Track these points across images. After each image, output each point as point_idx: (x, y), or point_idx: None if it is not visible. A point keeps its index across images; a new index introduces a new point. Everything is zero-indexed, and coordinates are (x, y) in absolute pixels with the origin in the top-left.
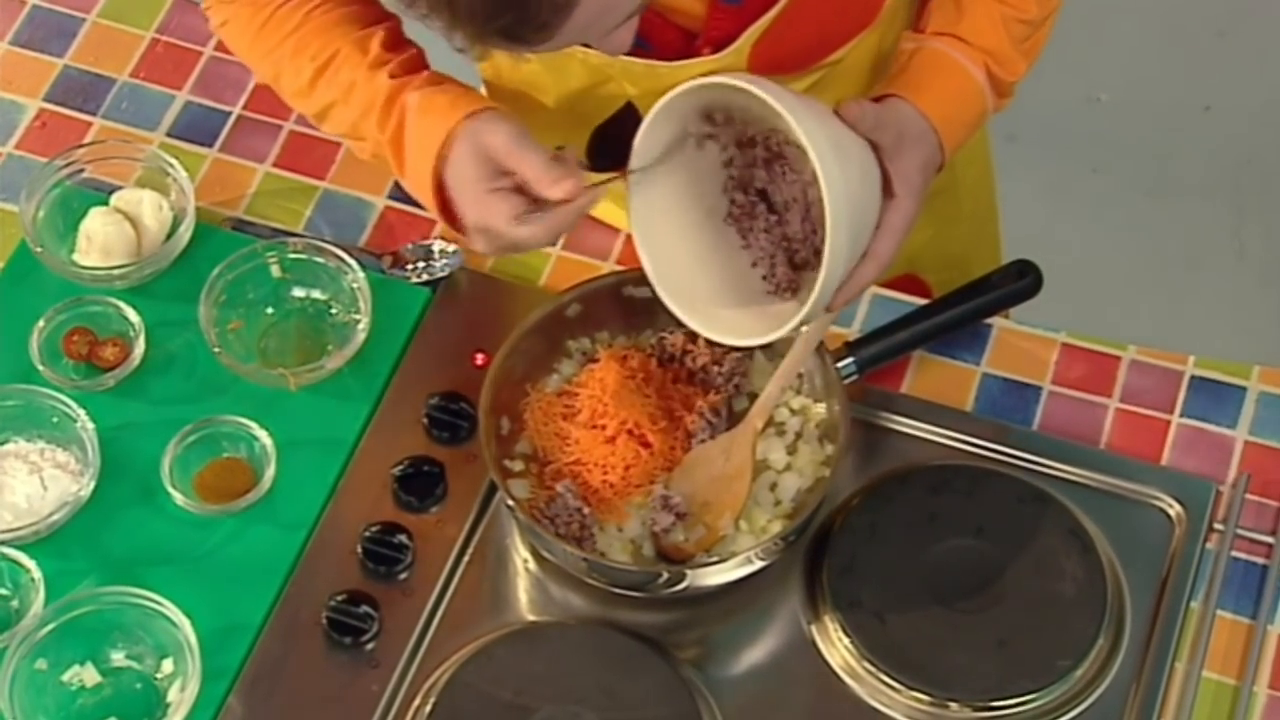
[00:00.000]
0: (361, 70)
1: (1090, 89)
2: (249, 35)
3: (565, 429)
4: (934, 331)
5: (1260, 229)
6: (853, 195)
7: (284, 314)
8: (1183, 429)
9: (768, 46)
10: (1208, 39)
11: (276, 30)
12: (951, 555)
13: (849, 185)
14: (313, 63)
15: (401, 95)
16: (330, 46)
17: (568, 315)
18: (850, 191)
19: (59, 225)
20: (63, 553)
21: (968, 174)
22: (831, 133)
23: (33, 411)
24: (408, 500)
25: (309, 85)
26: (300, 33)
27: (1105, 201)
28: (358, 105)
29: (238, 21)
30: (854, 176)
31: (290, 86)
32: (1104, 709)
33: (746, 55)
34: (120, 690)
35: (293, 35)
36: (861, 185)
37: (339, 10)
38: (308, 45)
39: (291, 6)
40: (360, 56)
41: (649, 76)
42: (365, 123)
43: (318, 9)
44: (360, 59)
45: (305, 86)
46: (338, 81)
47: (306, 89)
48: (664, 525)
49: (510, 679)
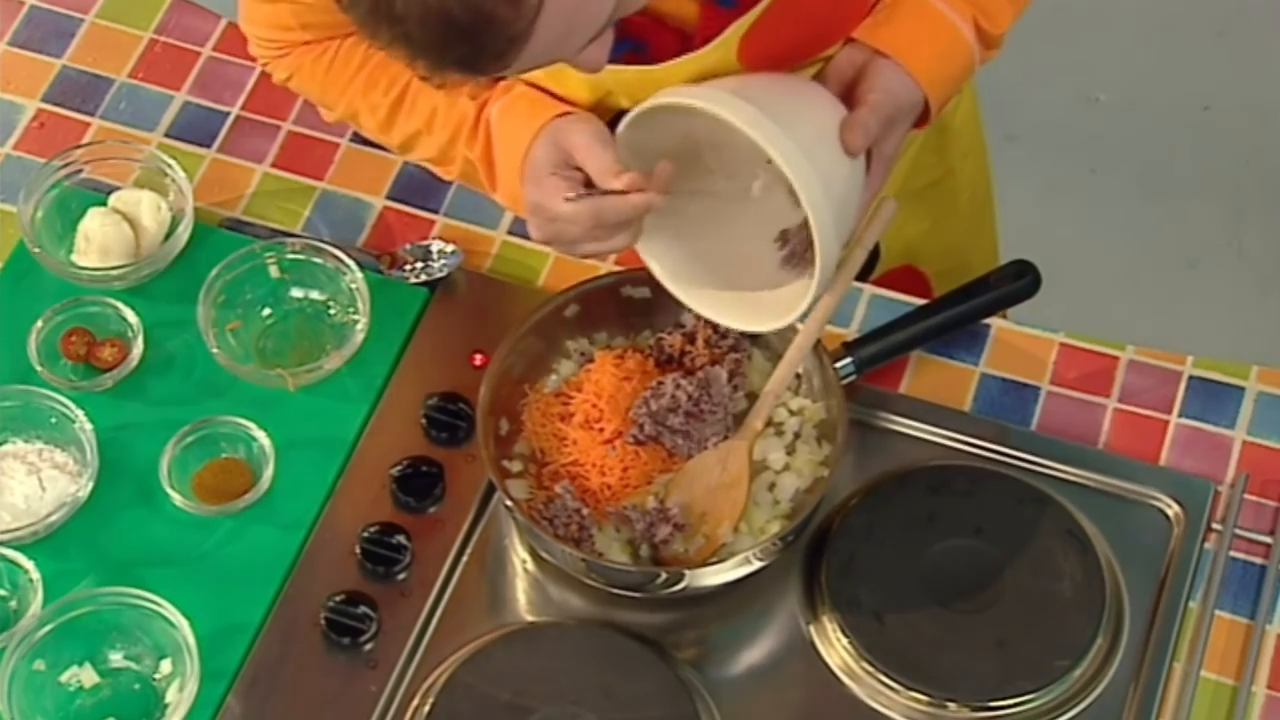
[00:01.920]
0: (439, 96)
1: (1089, 89)
2: (318, 82)
3: (563, 430)
4: (932, 332)
5: (1259, 229)
6: (832, 195)
7: (282, 314)
8: (1181, 429)
9: (759, 41)
10: (1206, 39)
11: (343, 71)
12: (950, 555)
13: (827, 187)
14: (386, 97)
15: (485, 111)
16: (400, 79)
17: (566, 316)
18: (829, 192)
19: (57, 226)
20: (61, 553)
21: (965, 166)
22: (797, 134)
23: (31, 412)
24: (406, 501)
25: (388, 119)
26: (366, 69)
27: (1104, 201)
28: (444, 130)
29: (302, 71)
30: (830, 174)
31: (370, 123)
32: (1102, 709)
33: (735, 50)
34: (119, 691)
35: (360, 73)
36: (839, 182)
37: None
38: (377, 82)
39: (351, 44)
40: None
41: (641, 85)
42: (454, 146)
43: None
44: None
45: (385, 121)
46: (417, 111)
47: (386, 123)
48: (663, 536)
49: (509, 679)
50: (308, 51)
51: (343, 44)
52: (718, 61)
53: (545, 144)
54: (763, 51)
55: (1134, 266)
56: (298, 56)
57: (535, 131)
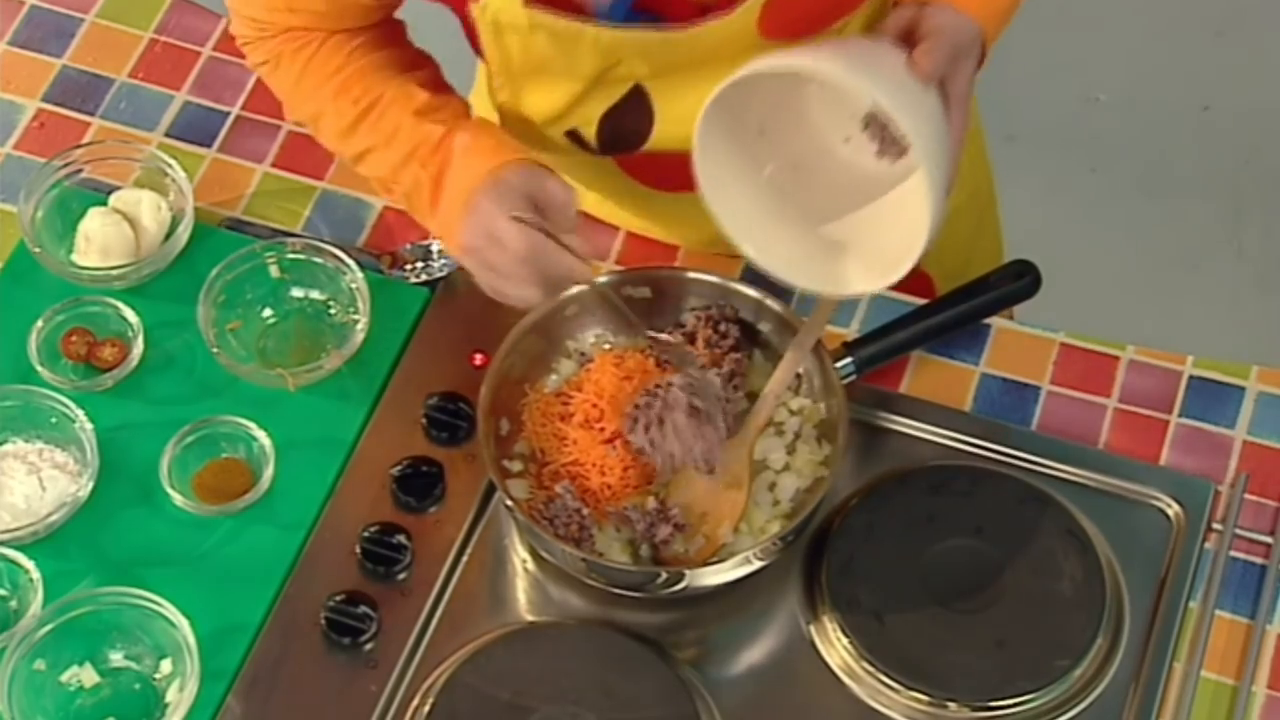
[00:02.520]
0: (407, 117)
1: (1089, 89)
2: (293, 76)
3: (563, 430)
4: (933, 331)
5: (1258, 229)
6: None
7: (283, 314)
8: (1181, 429)
9: (780, 5)
10: (1206, 39)
11: (319, 70)
12: (950, 555)
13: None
14: (355, 106)
15: (450, 138)
16: (373, 91)
17: (566, 315)
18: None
19: (57, 225)
20: (61, 553)
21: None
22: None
23: (31, 412)
24: (406, 500)
25: (350, 128)
26: (343, 74)
27: (1104, 201)
28: (400, 150)
29: (281, 61)
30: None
31: (331, 128)
32: (1103, 709)
33: (757, 15)
34: (119, 691)
35: (335, 76)
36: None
37: (380, 52)
38: (350, 89)
39: (332, 45)
40: (405, 102)
41: (662, 50)
42: (407, 166)
43: (359, 49)
44: (405, 105)
45: (346, 129)
46: (381, 127)
47: (347, 131)
48: (663, 537)
49: (509, 679)
50: (289, 41)
51: (325, 43)
52: (739, 28)
53: (521, 172)
54: (784, 16)
55: (1134, 266)
56: (279, 44)
57: (492, 169)
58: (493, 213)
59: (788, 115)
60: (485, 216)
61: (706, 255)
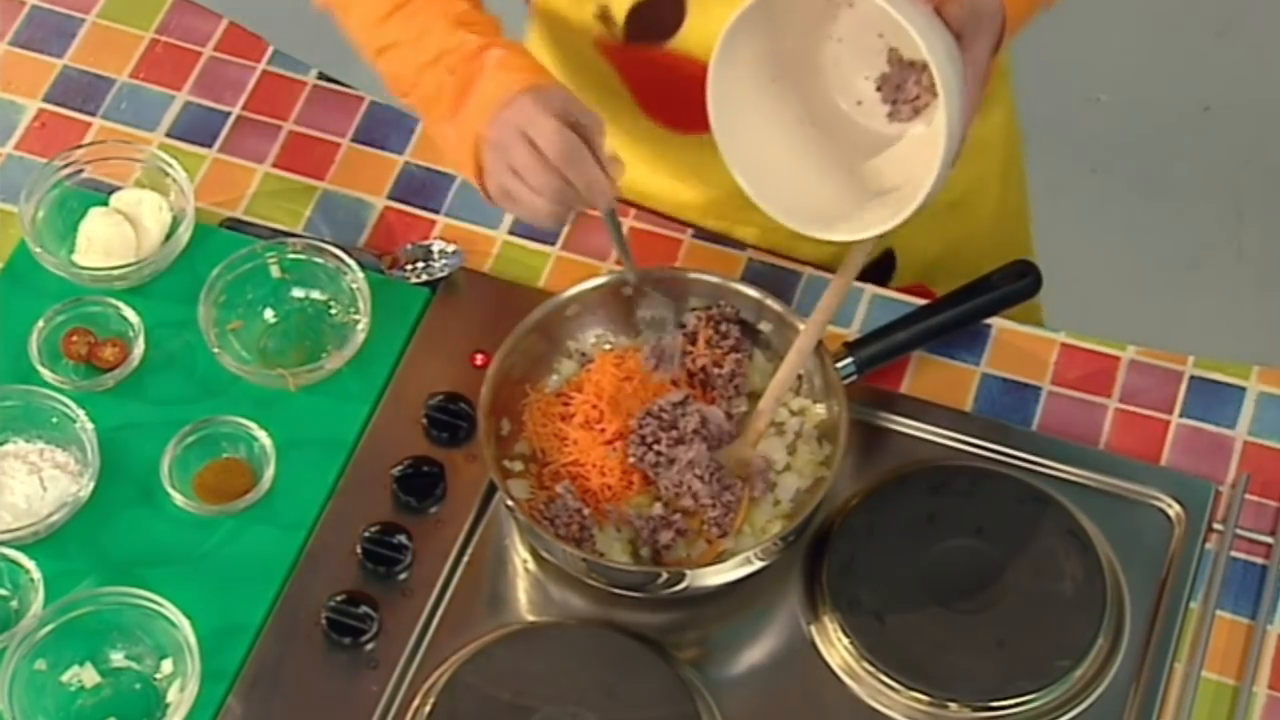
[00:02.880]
0: (443, 21)
1: (1090, 89)
2: None
3: (564, 430)
4: (933, 332)
5: (1259, 229)
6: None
7: (283, 314)
8: (1182, 429)
9: None
10: (1207, 39)
11: None
12: (951, 555)
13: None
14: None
15: (485, 52)
16: None
17: (567, 315)
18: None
19: (58, 226)
20: (62, 553)
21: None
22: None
23: (32, 412)
24: (407, 501)
25: (382, 19)
26: None
27: (1105, 201)
28: (429, 51)
29: None
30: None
31: (362, 16)
32: (1103, 709)
33: None
34: (120, 691)
35: None
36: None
37: None
38: None
39: None
40: (445, 4)
41: None
42: (431, 71)
43: None
44: (444, 8)
45: (379, 19)
46: (414, 24)
47: (379, 21)
48: (665, 542)
49: (510, 679)
50: None
51: None
52: None
53: (559, 88)
54: None
55: (1134, 266)
56: None
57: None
58: (534, 111)
59: (804, 67)
60: (524, 114)
61: (707, 252)
